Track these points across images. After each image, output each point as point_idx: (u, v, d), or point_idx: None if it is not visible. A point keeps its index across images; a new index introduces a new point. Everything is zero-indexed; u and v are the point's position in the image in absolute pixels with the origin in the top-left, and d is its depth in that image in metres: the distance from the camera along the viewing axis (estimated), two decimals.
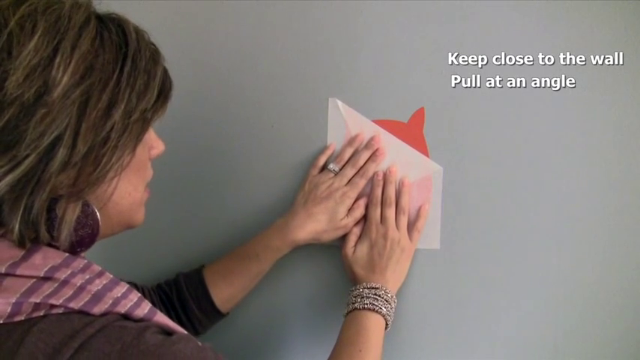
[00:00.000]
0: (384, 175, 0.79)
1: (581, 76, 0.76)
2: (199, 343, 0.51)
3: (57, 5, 0.48)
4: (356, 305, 0.72)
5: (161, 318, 0.51)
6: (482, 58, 0.77)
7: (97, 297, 0.48)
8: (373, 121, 0.80)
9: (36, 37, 0.45)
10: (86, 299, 0.47)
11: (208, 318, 0.77)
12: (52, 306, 0.46)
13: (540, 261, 0.79)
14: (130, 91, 0.49)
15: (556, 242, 0.79)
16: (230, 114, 0.82)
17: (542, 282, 0.79)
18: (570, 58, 0.76)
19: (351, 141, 0.80)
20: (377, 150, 0.79)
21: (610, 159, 0.77)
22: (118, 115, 0.48)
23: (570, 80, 0.76)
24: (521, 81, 0.77)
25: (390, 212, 0.78)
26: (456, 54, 0.77)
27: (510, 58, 0.77)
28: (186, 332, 0.52)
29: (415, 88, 0.79)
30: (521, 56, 0.77)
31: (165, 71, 0.54)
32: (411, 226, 0.79)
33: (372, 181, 0.79)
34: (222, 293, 0.76)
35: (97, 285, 0.49)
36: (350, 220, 0.78)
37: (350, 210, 0.78)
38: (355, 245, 0.78)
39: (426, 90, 0.79)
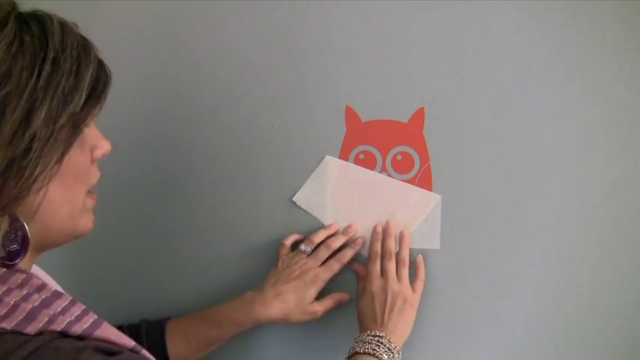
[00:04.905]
0: (383, 229, 0.80)
1: (581, 76, 0.76)
2: None
3: None
4: (357, 349, 0.70)
5: (104, 332, 0.48)
6: (483, 58, 0.77)
7: (32, 315, 0.45)
8: (373, 121, 0.80)
9: None
10: (20, 318, 0.45)
11: None
12: None
13: (540, 260, 0.79)
14: (51, 96, 0.45)
15: (556, 242, 0.79)
16: (229, 115, 0.82)
17: (543, 282, 0.79)
18: (570, 59, 0.76)
19: (326, 227, 0.81)
20: (357, 240, 0.80)
21: (610, 159, 0.77)
22: (38, 124, 0.45)
23: (570, 80, 0.76)
24: (521, 81, 0.77)
25: (391, 265, 0.77)
26: (456, 54, 0.77)
27: (510, 58, 0.77)
28: (132, 344, 0.49)
29: (415, 88, 0.79)
30: (522, 56, 0.77)
31: (99, 67, 0.50)
32: (412, 277, 0.79)
33: (371, 235, 0.80)
34: (177, 350, 0.75)
35: (34, 301, 0.46)
36: (320, 309, 0.77)
37: (323, 298, 0.78)
38: (358, 297, 0.78)
39: (426, 90, 0.79)
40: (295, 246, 0.82)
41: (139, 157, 0.83)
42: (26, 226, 0.47)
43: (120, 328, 0.75)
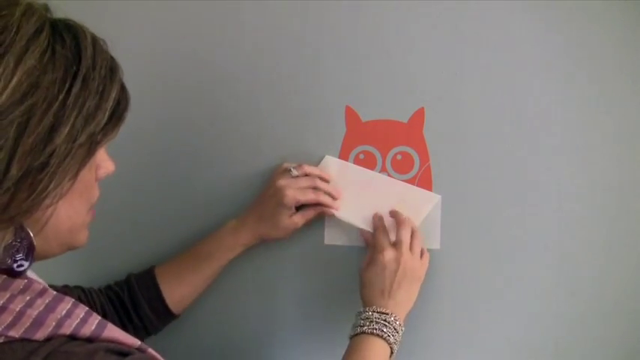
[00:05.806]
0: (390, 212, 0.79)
1: (581, 77, 0.76)
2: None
3: (7, 11, 0.44)
4: (364, 329, 0.69)
5: (111, 332, 0.48)
6: (483, 59, 0.77)
7: (39, 321, 0.45)
8: (373, 121, 0.80)
9: None
10: (27, 325, 0.44)
11: (160, 319, 0.76)
12: None
13: (540, 261, 0.79)
14: (76, 114, 0.45)
15: (556, 242, 0.79)
16: (229, 116, 0.82)
17: (542, 282, 0.80)
18: (570, 59, 0.76)
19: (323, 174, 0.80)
20: (335, 205, 0.79)
21: (610, 159, 0.77)
22: (60, 140, 0.44)
23: (571, 81, 0.76)
24: (521, 81, 0.77)
25: (406, 233, 0.76)
26: (456, 54, 0.77)
27: (510, 58, 0.77)
28: (138, 344, 0.50)
29: (415, 88, 0.79)
30: (522, 56, 0.77)
31: (121, 89, 0.50)
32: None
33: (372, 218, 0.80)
34: (175, 293, 0.76)
35: (39, 306, 0.46)
36: (299, 221, 0.78)
37: (303, 210, 0.78)
38: (365, 267, 0.76)
39: (426, 90, 0.79)
40: None
41: (140, 156, 0.83)
42: (31, 235, 0.47)
43: (108, 287, 0.76)
